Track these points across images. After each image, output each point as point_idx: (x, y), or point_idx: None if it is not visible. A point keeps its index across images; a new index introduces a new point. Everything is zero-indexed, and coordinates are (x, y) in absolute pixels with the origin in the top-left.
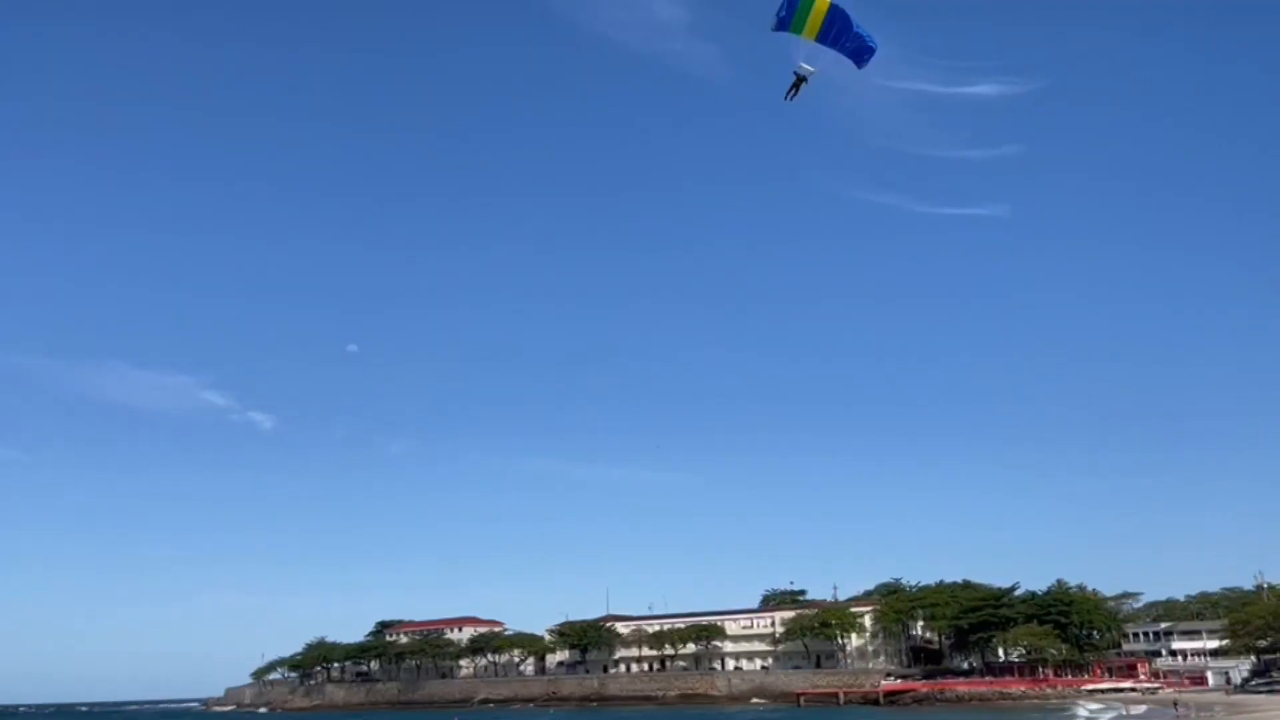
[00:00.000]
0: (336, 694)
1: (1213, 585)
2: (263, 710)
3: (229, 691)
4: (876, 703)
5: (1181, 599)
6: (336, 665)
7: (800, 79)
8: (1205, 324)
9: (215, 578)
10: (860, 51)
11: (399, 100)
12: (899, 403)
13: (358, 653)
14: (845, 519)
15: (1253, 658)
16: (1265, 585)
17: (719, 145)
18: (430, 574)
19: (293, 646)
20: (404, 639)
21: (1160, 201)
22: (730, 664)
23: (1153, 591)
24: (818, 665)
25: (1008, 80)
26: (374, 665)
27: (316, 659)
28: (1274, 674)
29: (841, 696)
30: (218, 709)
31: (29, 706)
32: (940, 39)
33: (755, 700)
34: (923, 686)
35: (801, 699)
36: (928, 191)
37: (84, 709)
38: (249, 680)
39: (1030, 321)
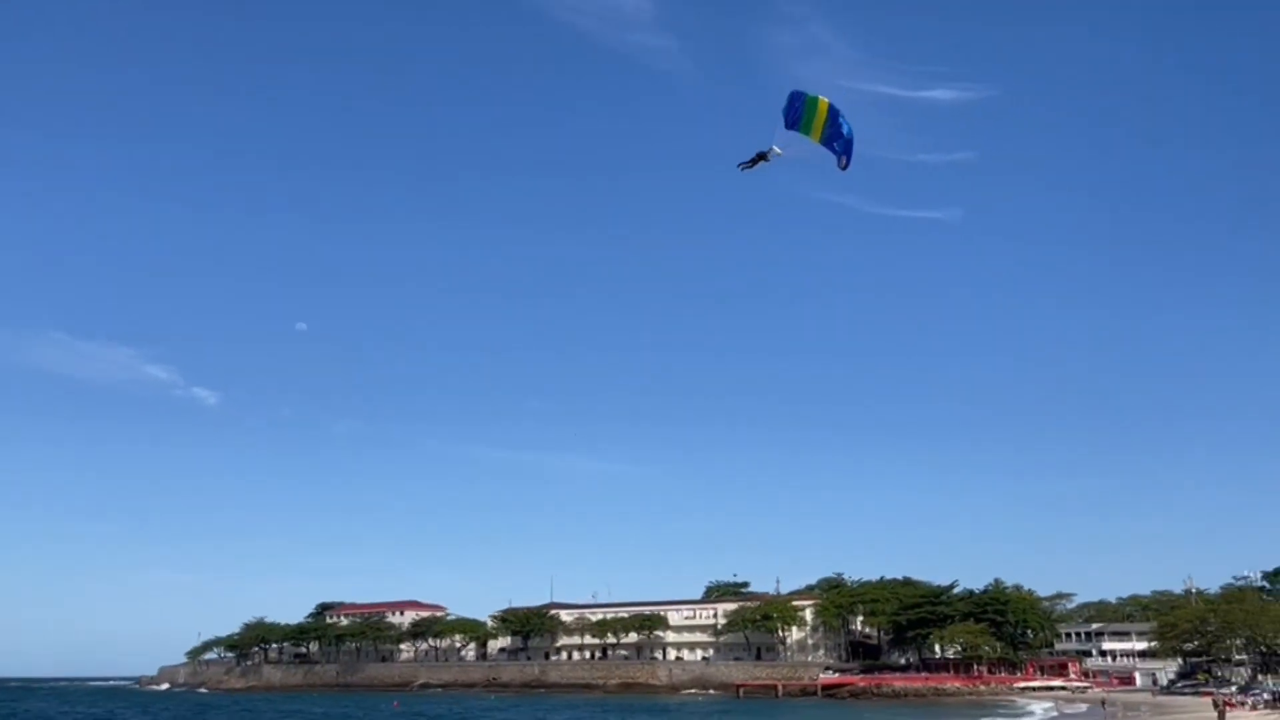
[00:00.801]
0: (274, 675)
1: (1144, 588)
2: (202, 690)
3: (163, 670)
4: (814, 695)
5: (1113, 601)
6: (275, 646)
7: (762, 156)
8: (1146, 331)
9: (152, 555)
10: (840, 141)
11: (354, 76)
12: (846, 401)
13: (297, 634)
14: (790, 514)
15: (1179, 660)
16: (1194, 590)
17: (681, 140)
18: (373, 557)
19: (230, 626)
20: (344, 621)
21: (1107, 208)
22: (671, 654)
23: (1085, 593)
24: (758, 657)
25: (964, 86)
26: (313, 647)
27: (254, 639)
28: (1199, 676)
29: (780, 689)
30: (151, 688)
31: None
32: (903, 43)
33: (691, 690)
34: (860, 681)
35: (740, 690)
36: (885, 193)
37: (14, 684)
38: (184, 660)
39: (976, 324)
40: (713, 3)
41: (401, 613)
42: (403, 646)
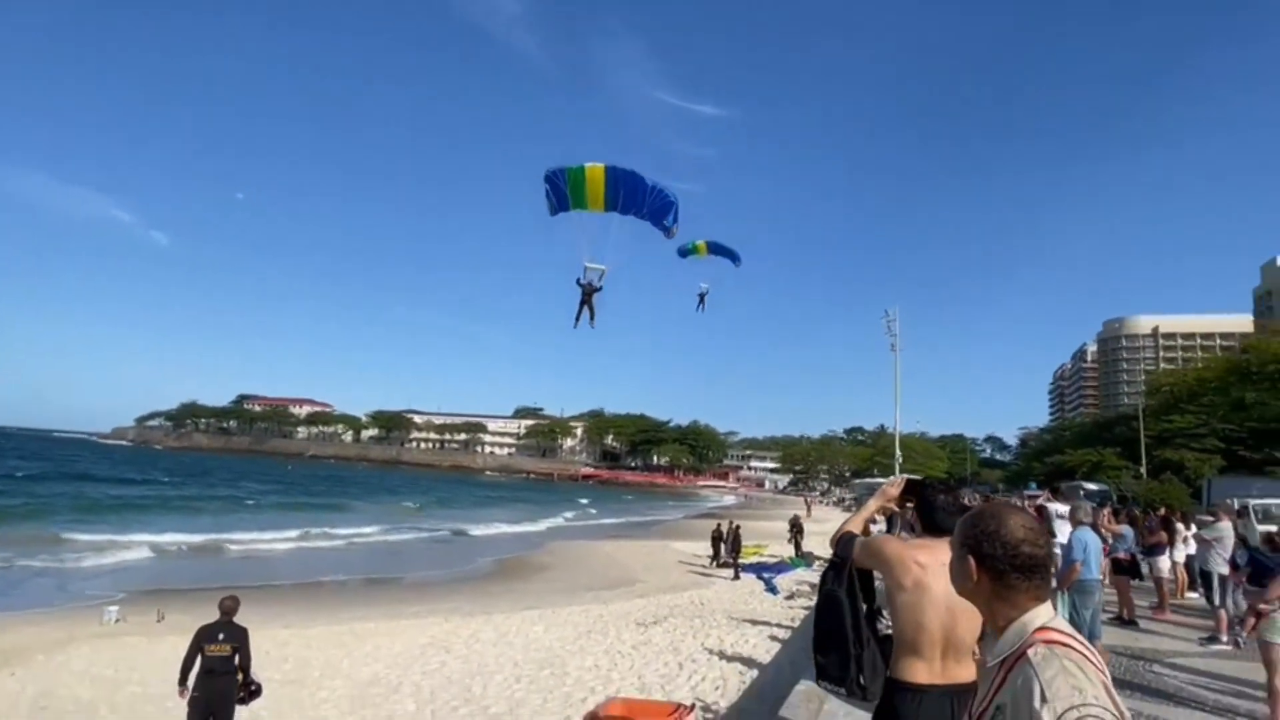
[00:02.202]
0: (202, 440)
1: (778, 432)
2: (156, 447)
3: (115, 429)
4: (578, 481)
5: (759, 437)
6: (204, 422)
7: (702, 296)
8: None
9: (117, 338)
10: (733, 257)
11: None
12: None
13: (221, 414)
14: (575, 365)
15: (791, 475)
16: (804, 436)
17: (521, 117)
18: (284, 363)
19: (169, 403)
20: (258, 409)
21: (795, 194)
22: (488, 450)
23: (745, 430)
24: (544, 456)
25: (719, 105)
26: (233, 424)
27: (187, 415)
28: (800, 485)
29: (555, 475)
30: (109, 442)
31: None
32: (690, 72)
33: (497, 473)
34: (605, 474)
35: (530, 475)
36: (661, 171)
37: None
38: (132, 423)
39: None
40: (567, 17)
41: (300, 406)
42: (300, 430)
